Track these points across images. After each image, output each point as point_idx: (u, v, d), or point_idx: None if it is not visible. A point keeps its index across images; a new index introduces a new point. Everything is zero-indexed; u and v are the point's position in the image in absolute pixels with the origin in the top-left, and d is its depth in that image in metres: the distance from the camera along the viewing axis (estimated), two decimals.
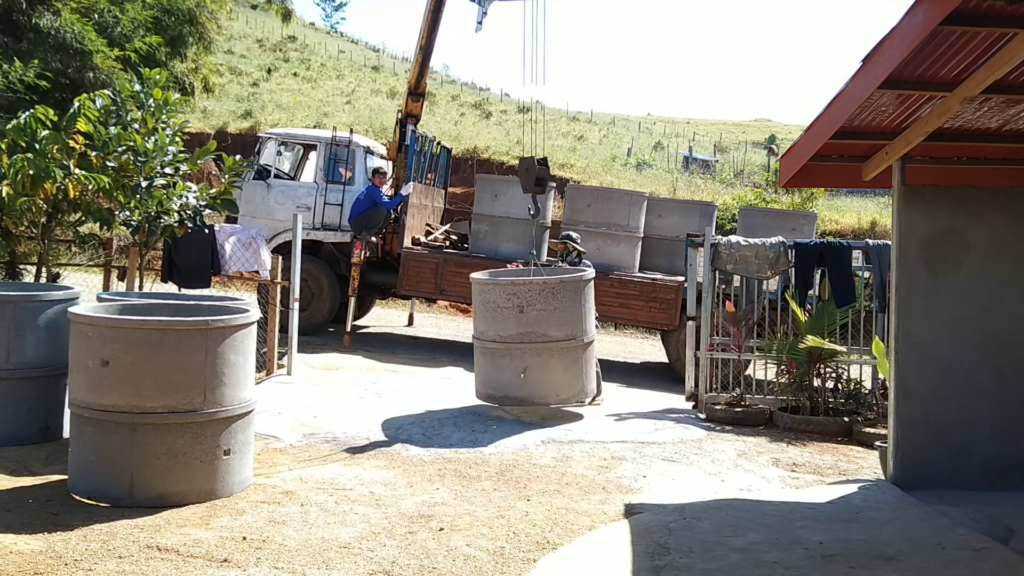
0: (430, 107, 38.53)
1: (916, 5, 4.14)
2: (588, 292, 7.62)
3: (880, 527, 4.93)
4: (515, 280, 7.54)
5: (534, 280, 7.48)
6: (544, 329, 7.24)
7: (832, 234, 21.43)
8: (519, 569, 4.20)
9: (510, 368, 7.29)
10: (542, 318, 7.22)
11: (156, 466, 4.76)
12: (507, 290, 7.32)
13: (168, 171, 7.48)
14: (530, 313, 7.20)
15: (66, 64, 11.85)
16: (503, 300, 7.29)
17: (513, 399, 7.39)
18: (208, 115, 30.58)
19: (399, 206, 11.96)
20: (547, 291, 7.27)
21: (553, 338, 7.26)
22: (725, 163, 38.74)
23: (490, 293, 7.41)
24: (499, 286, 7.43)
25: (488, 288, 7.47)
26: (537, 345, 7.23)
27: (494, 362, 7.40)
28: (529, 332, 7.23)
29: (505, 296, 7.29)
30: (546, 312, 7.22)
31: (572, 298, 7.38)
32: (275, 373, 8.76)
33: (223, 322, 4.96)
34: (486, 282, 7.57)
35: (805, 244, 8.83)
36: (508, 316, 7.25)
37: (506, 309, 7.26)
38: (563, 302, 7.30)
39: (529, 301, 7.21)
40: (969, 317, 5.86)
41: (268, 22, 57.62)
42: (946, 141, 5.76)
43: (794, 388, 8.15)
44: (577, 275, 7.69)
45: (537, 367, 7.27)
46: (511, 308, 7.23)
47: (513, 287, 7.33)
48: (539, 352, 7.25)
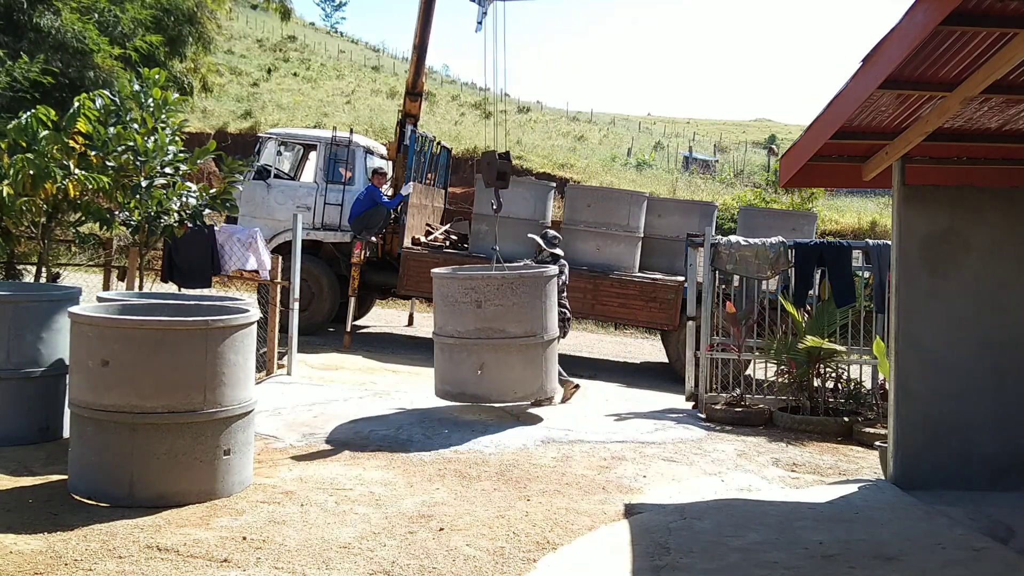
0: (430, 107, 38.53)
1: (916, 5, 4.14)
2: (550, 289, 7.45)
3: (880, 527, 4.93)
4: (473, 274, 7.44)
5: (492, 275, 7.36)
6: (502, 325, 7.09)
7: (832, 234, 21.44)
8: (519, 569, 4.20)
9: (467, 364, 7.15)
10: (500, 313, 7.08)
11: (156, 466, 4.76)
12: (465, 284, 7.19)
13: (168, 171, 7.48)
14: (488, 308, 7.06)
15: (67, 64, 11.84)
16: (461, 295, 7.14)
17: (470, 396, 7.28)
18: (208, 115, 30.58)
19: (399, 206, 11.97)
20: (506, 286, 7.13)
21: (512, 334, 7.12)
22: (725, 163, 38.74)
23: (448, 287, 7.27)
24: (457, 280, 7.30)
25: (446, 282, 7.33)
26: (495, 341, 7.10)
27: (451, 358, 7.26)
28: (487, 328, 7.08)
29: (463, 291, 7.15)
30: (504, 307, 7.08)
31: (532, 294, 7.22)
32: (275, 373, 8.76)
33: (223, 322, 4.96)
34: (444, 276, 7.43)
35: (805, 244, 8.83)
36: (466, 311, 7.11)
37: (464, 304, 7.12)
38: (522, 298, 7.16)
39: (487, 296, 7.07)
40: (969, 317, 5.86)
41: (268, 22, 57.60)
42: (946, 141, 5.76)
43: (794, 388, 8.16)
44: (538, 271, 7.58)
45: (495, 363, 7.14)
46: (469, 303, 7.09)
47: (471, 281, 7.21)
48: (497, 348, 7.12)
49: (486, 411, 7.63)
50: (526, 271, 7.73)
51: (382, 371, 9.92)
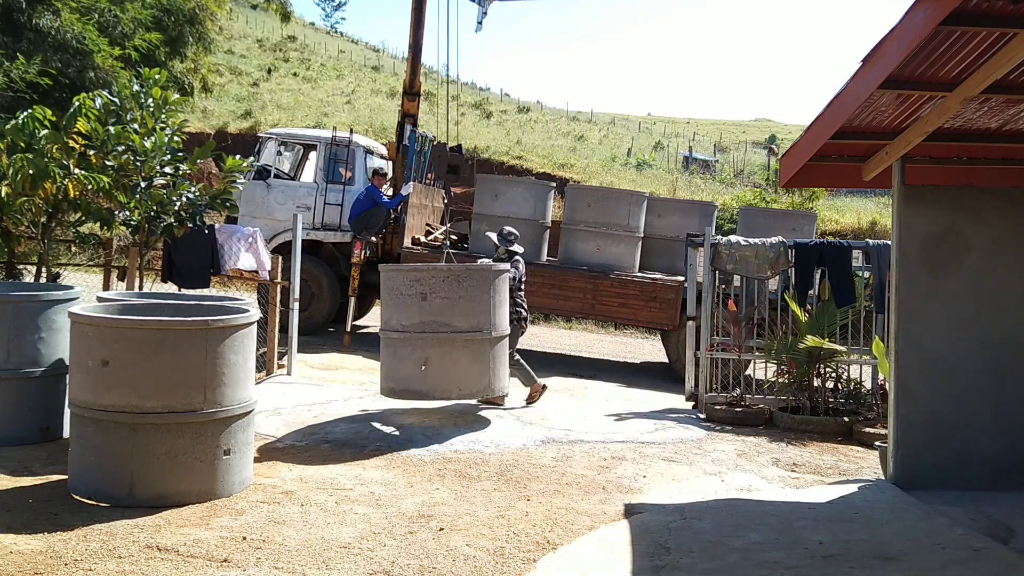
0: (430, 107, 38.53)
1: (916, 5, 4.14)
2: (499, 285, 7.20)
3: (880, 527, 4.93)
4: (418, 266, 7.23)
5: (438, 266, 7.20)
6: (448, 319, 6.85)
7: (832, 234, 21.43)
8: (519, 569, 4.20)
9: (411, 359, 6.90)
10: (446, 307, 6.85)
11: (156, 466, 4.76)
12: (410, 276, 6.97)
13: (168, 171, 7.48)
14: (433, 301, 6.83)
15: (66, 64, 11.85)
16: (406, 287, 6.91)
17: (413, 392, 7.03)
18: (208, 115, 30.58)
19: (399, 206, 11.97)
20: (452, 279, 6.90)
21: (457, 328, 6.87)
22: (725, 163, 38.74)
23: (394, 280, 7.05)
24: (402, 272, 7.13)
25: (392, 275, 7.12)
26: (440, 335, 6.85)
27: (395, 353, 7.03)
28: (432, 321, 6.84)
29: (408, 283, 6.92)
30: (450, 301, 6.85)
31: (479, 288, 6.99)
32: (275, 373, 8.76)
33: (223, 322, 4.96)
34: (390, 269, 7.24)
35: (805, 244, 8.83)
36: (411, 304, 6.88)
37: (409, 296, 6.88)
38: (469, 291, 6.92)
39: (432, 288, 6.84)
40: (969, 317, 5.86)
41: (268, 22, 57.59)
42: (946, 141, 5.76)
43: (794, 388, 8.16)
44: (486, 265, 7.42)
45: (439, 358, 6.88)
46: (414, 295, 6.86)
47: (416, 273, 7.02)
48: (442, 343, 6.87)
49: (494, 411, 7.63)
50: (474, 264, 7.61)
51: None
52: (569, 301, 11.41)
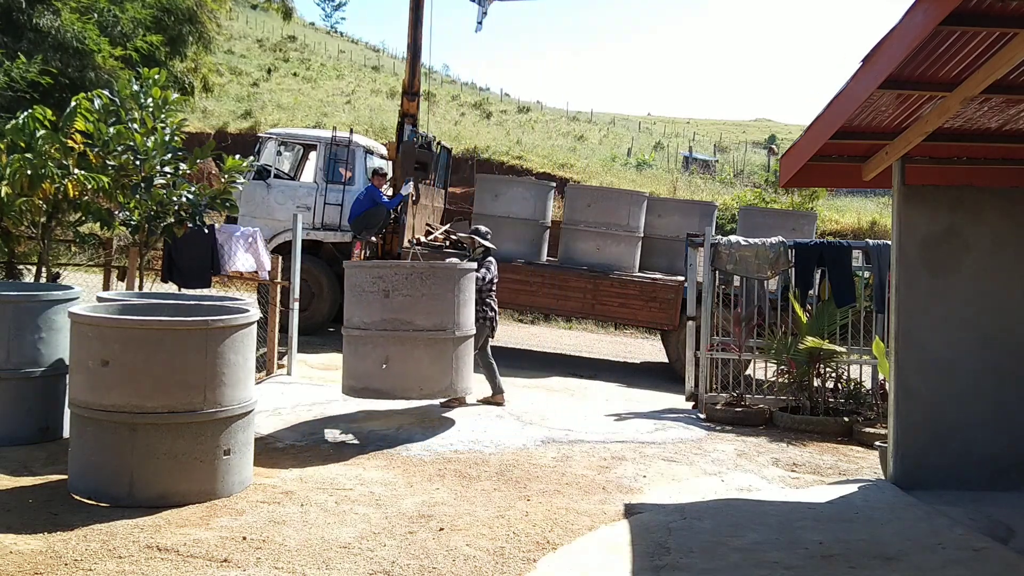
0: (430, 107, 38.53)
1: (916, 5, 4.14)
2: (464, 284, 7.11)
3: (880, 527, 4.93)
4: (381, 263, 7.17)
5: (401, 264, 7.13)
6: (410, 317, 6.77)
7: (832, 234, 21.43)
8: (519, 569, 4.20)
9: (372, 357, 6.82)
10: (408, 305, 6.76)
11: (156, 466, 4.76)
12: (373, 273, 6.91)
13: (168, 171, 7.48)
14: (396, 298, 6.76)
15: (66, 64, 11.84)
16: (368, 284, 6.85)
17: (374, 391, 6.94)
18: (208, 115, 30.58)
19: (399, 206, 11.97)
20: (415, 276, 6.82)
21: (419, 327, 6.78)
22: (725, 163, 38.73)
23: (357, 277, 7.00)
24: (365, 269, 7.08)
25: (355, 272, 7.07)
26: (401, 333, 6.76)
27: (357, 350, 6.96)
28: (394, 319, 6.76)
29: (371, 279, 6.85)
30: (413, 299, 6.77)
31: (443, 286, 6.91)
32: (275, 373, 8.76)
33: (223, 322, 4.96)
34: (353, 265, 7.20)
35: (805, 244, 8.83)
36: (373, 301, 6.80)
37: (371, 293, 6.82)
38: (432, 290, 6.84)
39: (395, 286, 6.77)
40: (969, 317, 5.86)
41: (268, 22, 57.62)
42: (946, 141, 5.76)
43: (794, 388, 8.16)
44: (450, 264, 7.35)
45: (400, 357, 6.79)
46: (376, 292, 6.79)
47: (379, 270, 6.97)
48: (403, 341, 6.78)
49: (494, 411, 7.63)
50: (438, 263, 7.56)
51: None
52: (569, 301, 11.41)
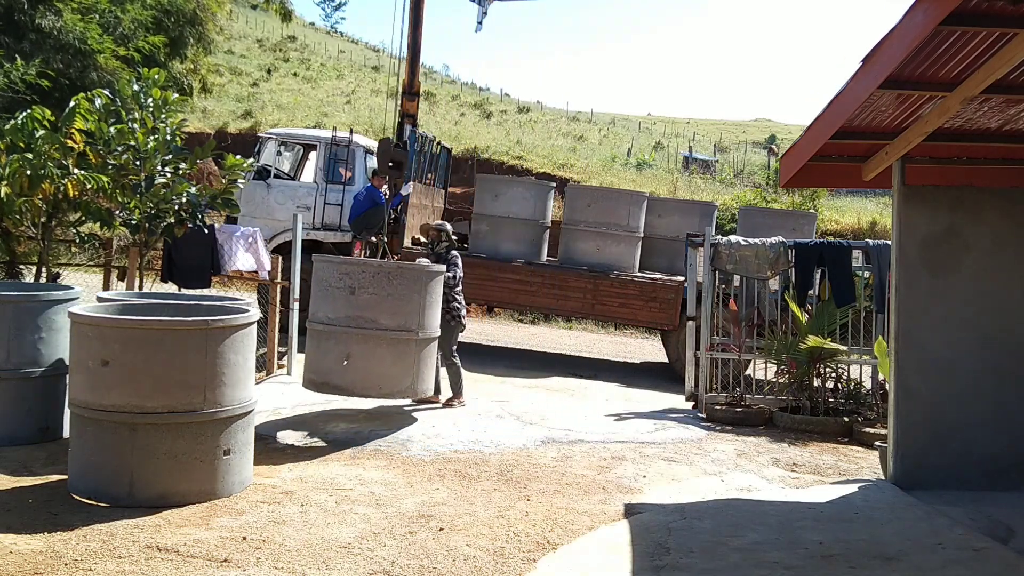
0: (429, 107, 38.52)
1: (916, 5, 4.14)
2: (432, 286, 7.11)
3: (880, 527, 4.93)
4: (348, 260, 7.19)
5: (368, 261, 7.13)
6: (374, 315, 6.77)
7: (832, 234, 21.42)
8: (519, 569, 4.20)
9: (334, 352, 6.83)
10: (373, 303, 6.77)
11: (156, 466, 4.76)
12: (340, 269, 6.92)
13: (168, 170, 7.48)
14: (361, 296, 6.77)
15: (67, 64, 11.85)
16: (335, 279, 6.86)
17: (333, 386, 6.95)
18: (208, 115, 30.58)
19: (399, 206, 11.97)
20: (381, 275, 6.83)
21: (383, 326, 6.78)
22: (725, 163, 38.71)
23: (323, 271, 7.02)
24: (332, 264, 7.08)
25: (322, 266, 7.08)
26: (364, 331, 6.77)
27: (319, 345, 6.96)
28: (357, 316, 6.77)
29: (337, 275, 6.87)
30: (378, 297, 6.78)
31: (409, 287, 6.91)
32: (275, 373, 8.76)
33: (223, 322, 4.96)
34: (321, 259, 7.20)
35: (805, 244, 8.83)
36: (338, 297, 6.82)
37: (337, 289, 6.83)
38: (398, 289, 6.84)
39: (361, 283, 6.78)
40: (969, 317, 5.86)
41: (268, 22, 57.60)
42: (946, 141, 5.76)
43: (794, 388, 8.16)
44: (419, 265, 7.38)
45: (361, 355, 6.80)
46: (342, 289, 6.80)
47: (345, 266, 6.96)
48: (366, 339, 6.79)
49: (494, 411, 7.63)
50: (407, 263, 7.50)
51: None
52: (569, 301, 11.41)
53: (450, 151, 14.74)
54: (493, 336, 13.88)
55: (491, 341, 13.33)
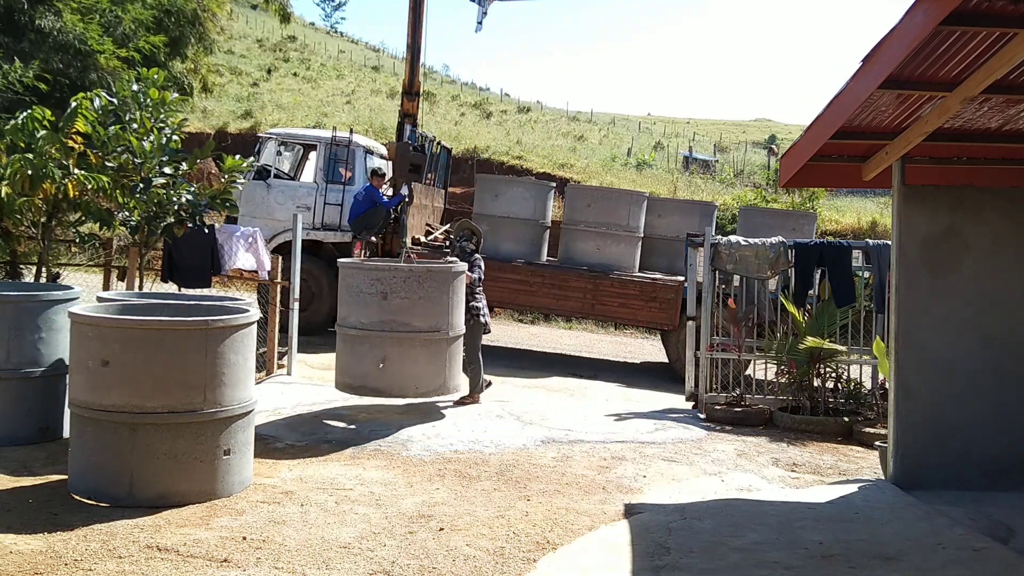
0: (429, 107, 38.50)
1: (916, 5, 4.14)
2: (458, 285, 7.33)
3: (880, 527, 4.93)
4: (380, 265, 7.36)
5: (399, 266, 7.31)
6: (407, 318, 6.98)
7: (832, 234, 21.42)
8: (519, 569, 4.20)
9: (370, 356, 7.02)
10: (406, 307, 6.97)
11: (156, 466, 4.76)
12: (371, 275, 7.07)
13: (167, 171, 7.48)
14: (394, 300, 6.95)
15: (67, 64, 11.85)
16: (366, 285, 7.02)
17: (371, 389, 7.15)
18: (208, 115, 30.57)
19: (399, 206, 11.96)
20: (413, 279, 7.02)
21: (416, 328, 7.00)
22: (725, 163, 38.70)
23: (354, 278, 7.16)
24: (363, 271, 7.22)
25: (352, 272, 7.22)
26: (399, 334, 6.98)
27: (353, 350, 7.14)
28: (391, 320, 6.97)
29: (369, 281, 7.03)
30: (410, 301, 6.97)
31: (439, 288, 7.12)
32: (275, 373, 8.76)
33: (223, 322, 4.96)
34: (351, 265, 7.34)
35: (805, 244, 8.83)
36: (371, 302, 6.99)
37: (369, 295, 7.00)
38: (429, 292, 7.05)
39: (393, 288, 6.96)
40: (969, 317, 5.86)
41: (268, 22, 57.56)
42: (946, 141, 5.76)
43: (794, 388, 8.15)
44: (446, 266, 7.51)
45: (398, 357, 7.01)
46: (374, 294, 6.98)
47: (377, 272, 7.10)
48: (401, 341, 7.00)
49: (493, 411, 7.63)
50: (434, 265, 7.61)
51: None
52: (569, 301, 11.41)
53: (450, 151, 14.74)
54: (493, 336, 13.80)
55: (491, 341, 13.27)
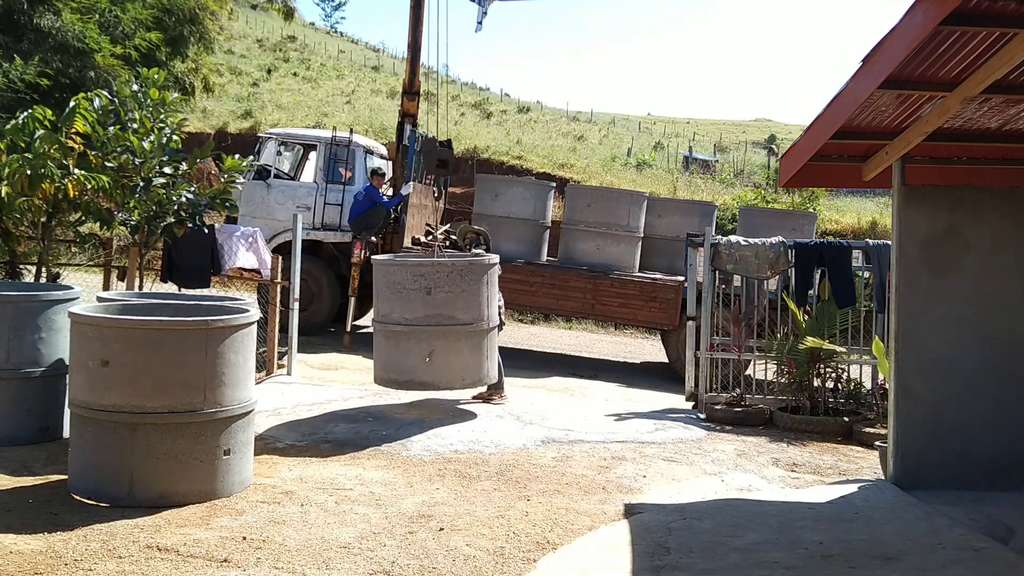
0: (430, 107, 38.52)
1: (916, 5, 4.14)
2: (493, 277, 7.50)
3: (880, 527, 4.93)
4: (422, 261, 7.46)
5: (442, 261, 7.40)
6: (451, 312, 7.11)
7: (832, 234, 21.42)
8: (519, 569, 4.20)
9: (416, 351, 7.13)
10: (450, 300, 7.09)
11: (156, 466, 4.76)
12: (414, 271, 7.16)
13: (167, 171, 7.48)
14: (438, 295, 7.07)
15: (67, 64, 11.84)
16: (410, 281, 7.11)
17: (419, 383, 7.28)
18: (208, 115, 30.57)
19: (399, 206, 11.97)
20: (455, 273, 7.15)
21: (460, 321, 7.14)
22: (725, 163, 38.70)
23: (396, 274, 7.24)
24: (406, 267, 7.30)
25: (394, 269, 7.30)
26: (444, 328, 7.11)
27: (398, 345, 7.22)
28: (437, 314, 7.08)
29: (412, 277, 7.12)
30: (454, 295, 7.10)
31: (478, 281, 7.26)
32: (275, 373, 8.76)
33: (223, 322, 4.96)
34: (392, 263, 7.42)
35: (805, 244, 8.83)
36: (415, 298, 7.09)
37: (413, 291, 7.10)
38: (470, 285, 7.19)
39: (437, 283, 7.08)
40: (969, 317, 5.86)
41: (268, 22, 57.59)
42: (946, 141, 5.76)
43: (794, 388, 8.15)
44: (483, 258, 7.62)
45: (443, 350, 7.15)
46: (418, 290, 7.08)
47: (420, 268, 7.20)
48: (446, 335, 7.13)
49: (493, 411, 7.63)
50: (473, 258, 7.72)
51: None
52: (569, 301, 11.42)
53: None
54: None
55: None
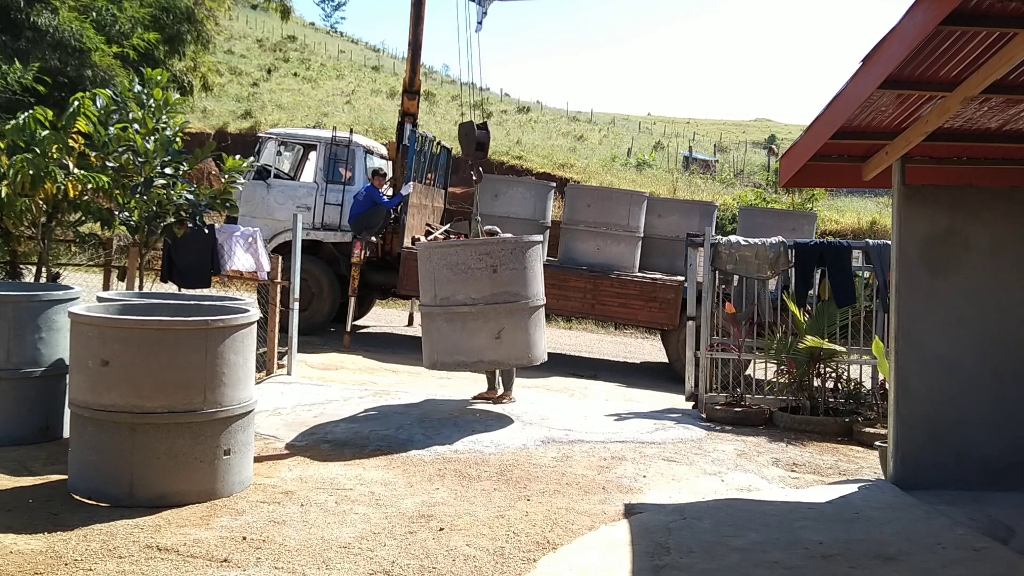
0: (429, 107, 38.49)
1: (916, 5, 4.14)
2: (538, 254, 7.66)
3: (880, 527, 4.93)
4: (487, 240, 7.57)
5: (506, 238, 7.51)
6: (516, 288, 7.21)
7: (832, 234, 21.43)
8: (519, 569, 4.20)
9: (484, 331, 7.18)
10: (514, 277, 7.19)
11: (156, 466, 4.76)
12: (479, 250, 7.22)
13: (168, 171, 7.48)
14: (503, 273, 7.15)
15: (64, 62, 11.85)
16: (475, 261, 7.16)
17: (488, 363, 7.39)
18: (208, 115, 30.58)
19: (399, 206, 11.97)
20: (518, 250, 7.29)
21: (523, 296, 7.27)
22: (725, 163, 38.71)
23: (460, 255, 7.27)
24: (470, 247, 7.39)
25: (458, 250, 7.36)
26: (511, 305, 7.21)
27: (464, 326, 7.24)
28: (503, 292, 7.17)
29: (477, 256, 7.17)
30: (517, 271, 7.21)
31: (535, 257, 7.47)
32: (275, 373, 8.76)
33: (223, 322, 4.96)
34: (454, 244, 7.51)
35: (805, 244, 8.83)
36: (481, 276, 7.13)
37: (479, 270, 7.13)
38: (530, 261, 7.34)
39: (502, 260, 7.16)
40: (969, 317, 5.86)
41: (268, 22, 57.58)
42: (946, 141, 5.76)
43: (794, 388, 8.15)
44: (535, 238, 7.73)
45: (512, 327, 7.23)
46: (484, 268, 7.13)
47: (486, 247, 7.29)
48: (512, 312, 7.22)
49: (493, 411, 7.64)
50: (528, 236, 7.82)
51: (382, 371, 9.91)
52: (569, 301, 11.42)
53: (450, 151, 14.75)
54: None
55: None
